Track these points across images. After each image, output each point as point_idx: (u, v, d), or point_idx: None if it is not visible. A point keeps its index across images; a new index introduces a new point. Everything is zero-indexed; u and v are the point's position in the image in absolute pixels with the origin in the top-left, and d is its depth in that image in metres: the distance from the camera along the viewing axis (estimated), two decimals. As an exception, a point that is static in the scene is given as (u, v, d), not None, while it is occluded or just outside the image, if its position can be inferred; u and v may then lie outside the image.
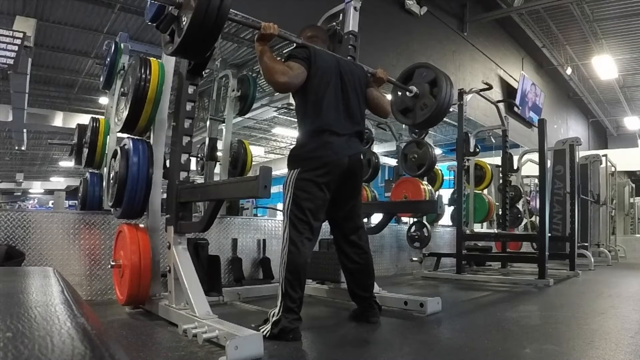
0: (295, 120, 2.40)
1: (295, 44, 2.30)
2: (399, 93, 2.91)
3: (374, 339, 2.03)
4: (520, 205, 6.63)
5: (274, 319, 1.89)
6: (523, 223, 6.87)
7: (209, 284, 2.67)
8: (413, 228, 4.97)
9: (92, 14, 8.11)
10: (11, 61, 6.52)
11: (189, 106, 2.36)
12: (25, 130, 11.85)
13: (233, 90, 4.12)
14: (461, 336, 2.12)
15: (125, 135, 2.58)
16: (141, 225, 2.43)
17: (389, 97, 2.75)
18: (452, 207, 5.63)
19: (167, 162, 2.51)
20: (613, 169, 8.29)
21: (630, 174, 11.54)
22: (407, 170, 5.12)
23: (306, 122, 2.16)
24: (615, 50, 10.83)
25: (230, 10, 1.80)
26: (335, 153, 2.09)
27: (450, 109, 2.89)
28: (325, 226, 2.37)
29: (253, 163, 4.37)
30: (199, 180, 4.46)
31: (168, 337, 1.92)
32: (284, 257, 1.99)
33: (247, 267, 3.64)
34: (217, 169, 4.48)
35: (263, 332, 1.84)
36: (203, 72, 2.47)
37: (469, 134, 5.35)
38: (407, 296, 2.63)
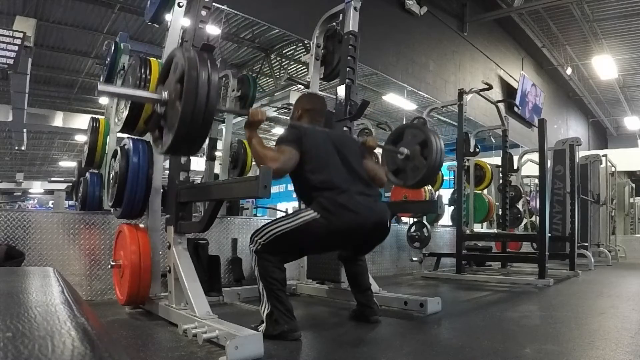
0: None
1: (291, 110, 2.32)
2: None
3: (374, 339, 2.03)
4: (520, 205, 6.63)
5: (266, 312, 1.90)
6: (523, 223, 6.86)
7: (209, 284, 2.66)
8: (413, 228, 4.97)
9: (92, 14, 8.12)
10: (11, 61, 6.53)
11: (189, 106, 2.36)
12: (25, 130, 11.86)
13: (233, 90, 4.12)
14: (461, 336, 2.12)
15: (125, 135, 2.58)
16: (141, 225, 2.43)
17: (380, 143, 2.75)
18: (452, 207, 5.63)
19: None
20: (613, 169, 8.28)
21: (630, 174, 11.53)
22: (407, 170, 5.11)
23: (320, 187, 2.02)
24: (615, 50, 10.84)
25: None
26: (361, 214, 2.01)
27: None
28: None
29: (253, 163, 4.37)
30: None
31: (168, 337, 1.92)
32: (255, 267, 1.98)
33: (247, 267, 3.63)
34: (217, 169, 4.48)
35: (260, 330, 1.84)
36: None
37: (469, 134, 5.34)
38: (407, 296, 2.62)
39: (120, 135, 2.94)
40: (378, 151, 2.89)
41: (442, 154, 2.75)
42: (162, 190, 2.49)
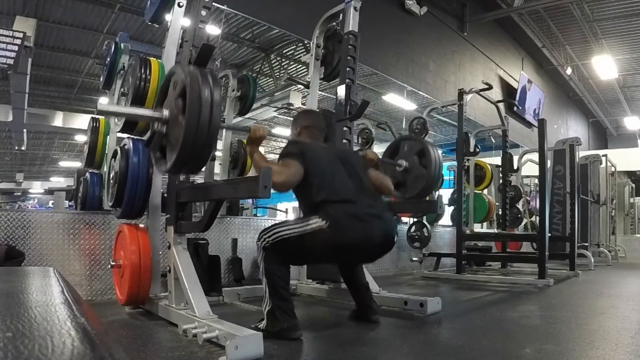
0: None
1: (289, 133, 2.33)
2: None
3: (374, 339, 2.03)
4: (520, 205, 6.62)
5: (267, 309, 1.90)
6: (523, 223, 6.86)
7: (209, 284, 2.66)
8: (413, 228, 4.97)
9: (92, 14, 8.12)
10: (11, 61, 6.53)
11: (189, 106, 2.35)
12: (25, 130, 11.86)
13: (233, 90, 4.12)
14: (461, 336, 2.12)
15: (125, 135, 2.58)
16: (141, 225, 2.43)
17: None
18: (452, 207, 5.63)
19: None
20: (613, 169, 8.28)
21: (630, 174, 11.53)
22: (407, 170, 5.11)
23: (328, 200, 1.97)
24: (615, 50, 10.84)
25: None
26: (370, 223, 1.99)
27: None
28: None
29: (253, 163, 4.36)
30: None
31: (168, 337, 1.92)
32: (261, 263, 1.98)
33: (247, 267, 3.64)
34: (217, 169, 4.48)
35: (260, 327, 1.85)
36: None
37: (469, 134, 5.34)
38: (407, 296, 2.62)
39: (120, 135, 2.94)
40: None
41: (441, 161, 2.76)
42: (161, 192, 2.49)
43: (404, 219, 5.60)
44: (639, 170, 12.06)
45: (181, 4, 2.57)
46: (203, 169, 4.17)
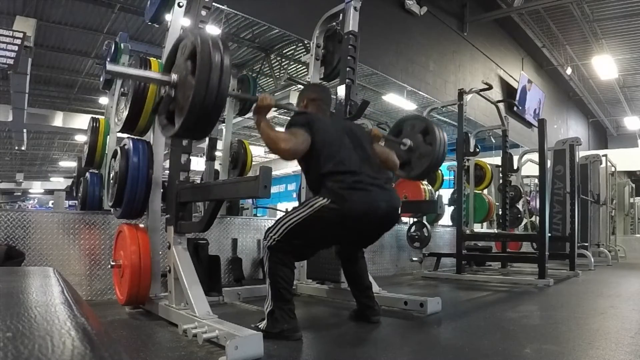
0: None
1: (294, 111, 2.31)
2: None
3: (374, 339, 2.03)
4: (520, 205, 6.63)
5: (268, 309, 1.90)
6: (523, 223, 6.86)
7: (209, 284, 2.66)
8: (413, 228, 4.97)
9: (92, 14, 8.11)
10: (11, 61, 6.53)
11: (189, 106, 2.35)
12: (25, 130, 11.87)
13: (233, 90, 4.12)
14: (461, 336, 2.12)
15: (125, 135, 2.58)
16: (141, 225, 2.43)
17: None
18: (452, 207, 5.63)
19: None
20: (613, 169, 8.28)
21: (630, 174, 11.53)
22: (407, 170, 5.10)
23: (333, 172, 1.97)
24: (615, 50, 10.84)
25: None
26: (373, 193, 1.98)
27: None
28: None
29: (253, 163, 4.37)
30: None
31: (168, 337, 1.92)
32: (265, 262, 1.97)
33: (247, 267, 3.64)
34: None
35: (260, 327, 1.85)
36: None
37: (469, 134, 5.35)
38: (407, 296, 2.62)
39: (120, 135, 2.95)
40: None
41: (446, 139, 2.74)
42: (162, 186, 2.49)
43: (404, 219, 5.60)
44: (639, 170, 12.06)
45: (181, 4, 2.57)
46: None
